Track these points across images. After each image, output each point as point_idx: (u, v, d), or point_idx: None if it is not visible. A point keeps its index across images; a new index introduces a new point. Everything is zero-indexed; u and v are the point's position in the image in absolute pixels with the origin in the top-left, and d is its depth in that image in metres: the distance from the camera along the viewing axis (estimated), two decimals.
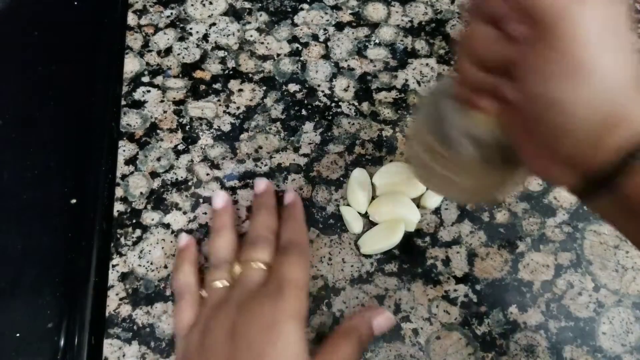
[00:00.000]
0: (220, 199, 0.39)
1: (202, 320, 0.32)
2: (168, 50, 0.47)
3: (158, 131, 0.43)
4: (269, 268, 0.34)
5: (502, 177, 0.30)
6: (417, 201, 0.40)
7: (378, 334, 0.35)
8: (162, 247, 0.39)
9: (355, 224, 0.39)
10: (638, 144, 0.21)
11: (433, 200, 0.40)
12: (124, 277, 0.38)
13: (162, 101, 0.45)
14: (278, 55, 0.47)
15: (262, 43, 0.48)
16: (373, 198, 0.40)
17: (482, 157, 0.28)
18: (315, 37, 0.48)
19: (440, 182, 0.33)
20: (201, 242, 0.39)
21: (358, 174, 0.41)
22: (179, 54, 0.47)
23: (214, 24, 0.49)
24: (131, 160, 0.42)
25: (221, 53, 0.47)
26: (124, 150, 0.43)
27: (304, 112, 0.44)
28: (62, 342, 0.35)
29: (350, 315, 0.35)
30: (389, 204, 0.39)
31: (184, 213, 0.40)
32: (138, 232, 0.39)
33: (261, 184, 0.40)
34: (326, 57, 0.47)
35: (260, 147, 0.43)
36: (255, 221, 0.37)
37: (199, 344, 0.31)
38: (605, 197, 0.22)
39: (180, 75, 0.46)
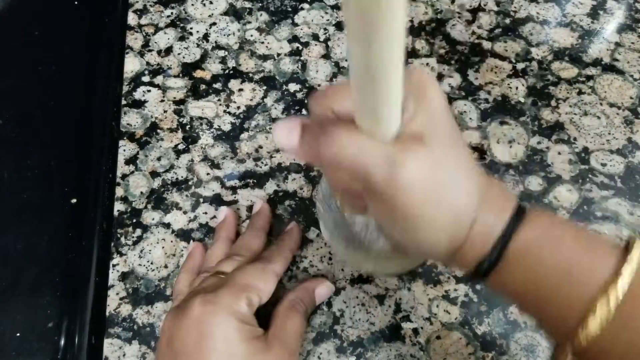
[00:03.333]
0: (222, 214, 0.39)
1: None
2: (168, 50, 0.47)
3: (158, 131, 0.43)
4: None
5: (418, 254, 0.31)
6: None
7: (319, 302, 0.36)
8: (163, 247, 0.39)
9: None
10: (480, 261, 0.24)
11: None
12: (124, 276, 0.38)
13: (162, 101, 0.45)
14: (278, 54, 0.47)
15: (263, 43, 0.48)
16: None
17: (393, 244, 0.29)
18: (315, 37, 0.48)
19: (375, 268, 0.35)
20: (202, 241, 0.39)
21: None
22: (179, 54, 0.47)
23: (214, 23, 0.49)
24: (131, 160, 0.42)
25: (221, 53, 0.47)
26: (124, 150, 0.43)
27: (304, 111, 0.44)
28: (62, 342, 0.35)
29: (293, 288, 0.35)
30: None
31: (184, 213, 0.40)
32: (138, 231, 0.39)
33: (257, 206, 0.40)
34: (326, 56, 0.47)
35: (261, 147, 0.43)
36: (239, 239, 0.37)
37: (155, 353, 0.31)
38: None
39: (181, 75, 0.46)
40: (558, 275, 0.22)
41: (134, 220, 0.40)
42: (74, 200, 0.40)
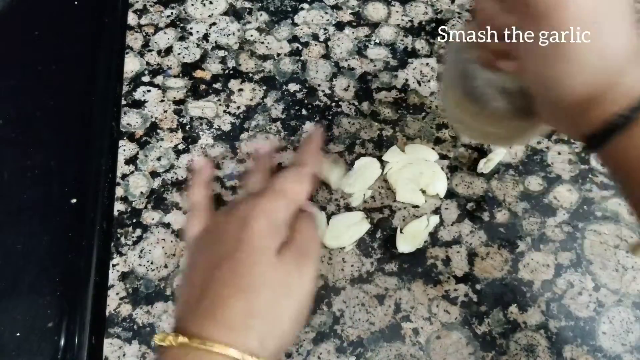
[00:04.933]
0: (262, 147, 0.40)
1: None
2: (168, 50, 0.47)
3: (158, 131, 0.43)
4: None
5: (532, 123, 0.31)
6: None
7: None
8: (163, 247, 0.39)
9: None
10: (612, 117, 0.23)
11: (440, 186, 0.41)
12: (124, 276, 0.38)
13: (162, 101, 0.45)
14: (278, 54, 0.47)
15: (263, 43, 0.48)
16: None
17: (512, 107, 0.29)
18: (315, 37, 0.48)
19: (475, 132, 0.35)
20: None
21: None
22: (179, 54, 0.47)
23: (214, 23, 0.49)
24: (131, 160, 0.42)
25: (221, 53, 0.47)
26: (124, 150, 0.43)
27: (304, 111, 0.44)
28: (62, 342, 0.35)
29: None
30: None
31: (184, 213, 0.40)
32: (138, 231, 0.39)
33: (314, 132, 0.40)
34: (326, 56, 0.47)
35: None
36: (287, 170, 0.37)
37: (195, 248, 0.33)
38: (604, 153, 0.24)
39: (181, 75, 0.46)
40: None
41: (134, 220, 0.40)
42: (73, 200, 0.40)
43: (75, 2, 0.50)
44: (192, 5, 0.50)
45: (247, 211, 0.31)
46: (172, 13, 0.49)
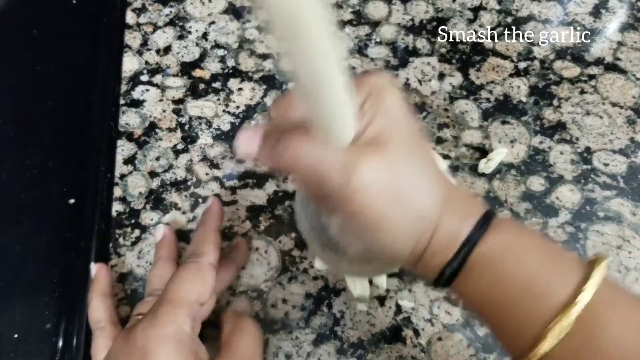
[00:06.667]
0: (159, 232, 0.37)
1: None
2: (167, 49, 0.47)
3: (157, 130, 0.43)
4: None
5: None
6: None
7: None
8: None
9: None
10: (444, 267, 0.23)
11: None
12: (122, 277, 0.38)
13: (161, 100, 0.45)
14: (278, 53, 0.47)
15: (262, 41, 0.47)
16: None
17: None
18: None
19: (347, 272, 0.35)
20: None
21: None
22: (178, 53, 0.47)
23: (213, 22, 0.49)
24: (130, 160, 0.42)
25: (221, 52, 0.47)
26: (122, 150, 0.42)
27: None
28: (60, 343, 0.35)
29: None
30: None
31: (183, 213, 0.40)
32: (137, 232, 0.39)
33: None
34: None
35: None
36: (182, 267, 0.33)
37: None
38: (452, 290, 0.25)
39: (180, 74, 0.46)
40: (518, 289, 0.22)
41: (133, 221, 0.40)
42: (72, 201, 0.40)
43: (74, 1, 0.49)
44: (191, 3, 0.49)
45: (145, 340, 0.27)
46: (171, 12, 0.49)
